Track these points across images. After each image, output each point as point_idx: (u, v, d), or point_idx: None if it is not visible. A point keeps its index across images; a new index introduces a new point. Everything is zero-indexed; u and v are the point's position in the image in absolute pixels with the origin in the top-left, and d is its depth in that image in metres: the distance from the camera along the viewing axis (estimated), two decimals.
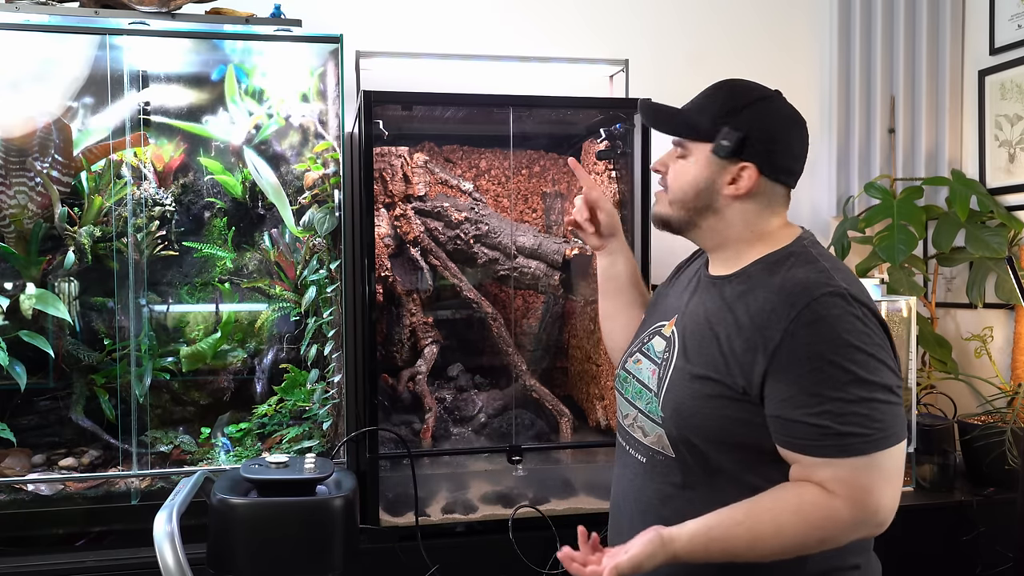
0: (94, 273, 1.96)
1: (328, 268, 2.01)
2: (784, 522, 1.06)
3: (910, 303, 2.22)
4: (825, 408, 1.05)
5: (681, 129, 1.24)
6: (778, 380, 1.08)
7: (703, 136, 1.21)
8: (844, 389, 1.05)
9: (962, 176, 2.52)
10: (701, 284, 1.28)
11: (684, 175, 1.23)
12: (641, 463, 1.24)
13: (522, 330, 2.31)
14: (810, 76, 2.72)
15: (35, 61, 1.92)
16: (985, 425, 2.19)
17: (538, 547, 1.84)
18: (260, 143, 2.04)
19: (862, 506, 1.05)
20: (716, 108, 1.21)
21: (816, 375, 1.05)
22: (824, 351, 1.06)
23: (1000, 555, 2.03)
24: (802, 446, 1.07)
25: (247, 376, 2.07)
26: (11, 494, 1.83)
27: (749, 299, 1.15)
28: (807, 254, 1.18)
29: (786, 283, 1.13)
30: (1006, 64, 2.52)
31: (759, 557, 1.08)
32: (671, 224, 1.27)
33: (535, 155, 2.38)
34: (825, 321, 1.07)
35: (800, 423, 1.06)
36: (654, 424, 1.21)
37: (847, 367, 1.05)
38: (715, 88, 1.25)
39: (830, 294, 1.08)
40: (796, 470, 1.10)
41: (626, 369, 1.32)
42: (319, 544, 1.41)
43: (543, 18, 2.52)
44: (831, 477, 1.05)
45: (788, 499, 1.08)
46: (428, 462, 2.10)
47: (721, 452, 1.14)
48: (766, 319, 1.10)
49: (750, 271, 1.20)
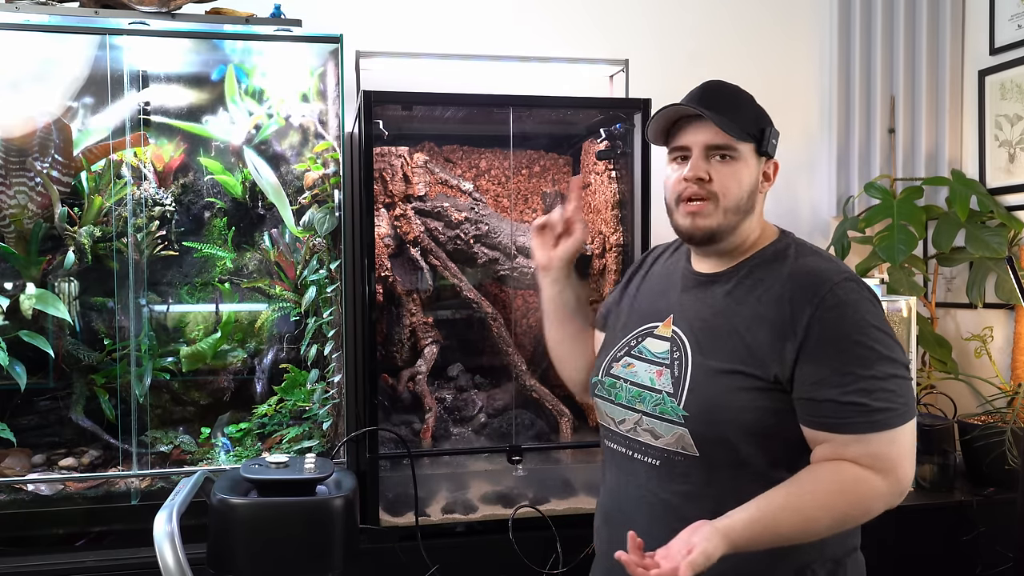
0: (94, 273, 1.96)
1: (328, 268, 2.01)
2: (829, 502, 1.11)
3: (910, 303, 2.22)
4: (858, 387, 1.11)
5: (748, 132, 1.22)
6: (809, 363, 1.13)
7: (755, 138, 1.23)
8: (873, 367, 1.11)
9: (962, 176, 2.52)
10: (690, 282, 1.29)
11: (738, 178, 1.22)
12: (653, 466, 1.22)
13: (522, 330, 2.31)
14: (810, 76, 2.72)
15: (35, 61, 1.92)
16: (985, 425, 2.19)
17: (538, 547, 1.84)
18: (260, 143, 2.04)
19: (895, 477, 1.13)
20: (752, 110, 1.26)
21: (846, 356, 1.12)
22: (851, 332, 1.12)
23: (1000, 555, 2.03)
24: (835, 425, 1.12)
25: (247, 376, 2.07)
26: (11, 494, 1.83)
27: (760, 291, 1.20)
28: (803, 245, 1.26)
29: (799, 272, 1.19)
30: (1006, 64, 2.52)
31: (808, 537, 1.12)
32: (718, 234, 1.23)
33: (535, 155, 2.38)
34: (848, 305, 1.13)
35: (833, 402, 1.11)
36: (671, 425, 1.20)
37: (873, 346, 1.12)
38: (732, 88, 1.27)
39: (846, 280, 1.16)
40: (824, 450, 1.14)
41: (613, 375, 1.30)
42: (319, 544, 1.41)
43: (543, 18, 2.52)
44: (864, 453, 1.11)
45: (828, 479, 1.12)
46: (428, 462, 2.09)
47: (752, 445, 1.16)
48: (788, 307, 1.16)
49: (751, 265, 1.24)
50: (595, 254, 2.22)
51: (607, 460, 1.35)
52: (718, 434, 1.16)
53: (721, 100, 1.23)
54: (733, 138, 1.20)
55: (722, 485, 1.17)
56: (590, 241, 2.23)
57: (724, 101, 1.23)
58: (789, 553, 1.15)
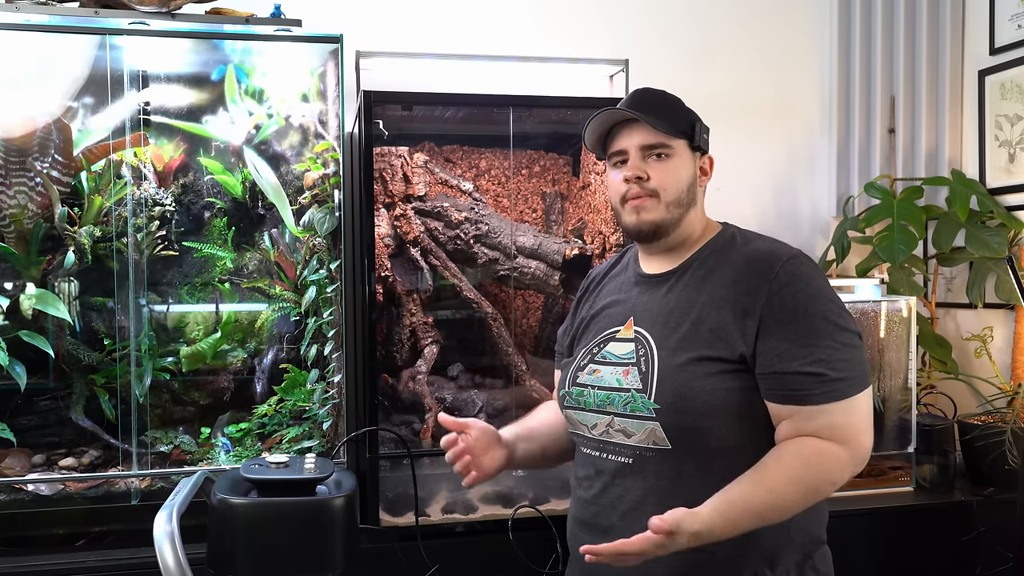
0: (94, 273, 1.95)
1: (328, 268, 2.01)
2: (796, 475, 1.14)
3: (910, 303, 2.22)
4: (817, 357, 1.15)
5: (679, 129, 1.29)
6: (769, 338, 1.17)
7: (688, 134, 1.30)
8: (831, 337, 1.17)
9: (962, 176, 2.52)
10: (642, 283, 1.34)
11: (675, 174, 1.29)
12: (626, 464, 1.25)
13: (522, 330, 2.31)
14: (810, 76, 2.72)
15: (35, 61, 1.92)
16: (985, 425, 2.19)
17: (538, 547, 1.84)
18: (260, 143, 2.04)
19: (855, 445, 1.17)
20: (682, 108, 1.32)
21: (804, 328, 1.16)
22: (808, 305, 1.18)
23: (1000, 555, 2.03)
24: (799, 396, 1.16)
25: (247, 376, 2.07)
26: (11, 494, 1.83)
27: (715, 277, 1.25)
28: (746, 232, 1.33)
29: (751, 255, 1.25)
30: (1006, 64, 2.52)
31: (781, 515, 1.15)
32: (663, 227, 1.29)
33: (535, 155, 2.38)
34: (800, 279, 1.19)
35: (796, 374, 1.16)
36: (642, 421, 1.22)
37: (828, 317, 1.18)
38: (659, 92, 1.33)
39: (794, 256, 1.22)
40: (787, 426, 1.18)
41: (579, 383, 1.33)
42: (319, 544, 1.41)
43: (543, 18, 2.52)
44: (826, 424, 1.16)
45: (792, 454, 1.16)
46: (428, 462, 2.09)
47: (722, 428, 1.19)
48: (744, 287, 1.20)
49: (701, 257, 1.30)
50: (595, 254, 2.22)
51: (579, 464, 1.37)
52: (689, 423, 1.19)
53: (649, 102, 1.29)
54: (665, 135, 1.27)
55: (694, 477, 1.20)
56: (590, 241, 2.23)
57: (652, 103, 1.30)
58: (761, 544, 1.17)
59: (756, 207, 2.65)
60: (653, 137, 1.27)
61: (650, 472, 1.22)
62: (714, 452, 1.19)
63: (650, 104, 1.29)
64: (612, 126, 1.33)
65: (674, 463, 1.21)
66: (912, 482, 2.20)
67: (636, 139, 1.28)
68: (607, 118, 1.31)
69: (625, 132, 1.30)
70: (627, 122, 1.30)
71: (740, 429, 1.20)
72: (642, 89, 1.34)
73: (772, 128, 2.67)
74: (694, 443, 1.19)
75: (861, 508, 2.03)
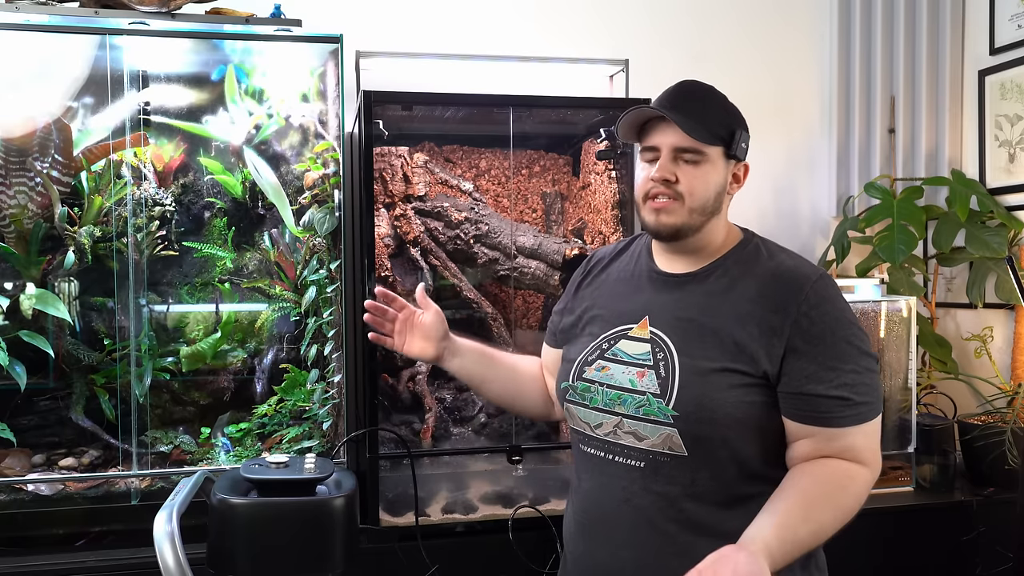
0: (94, 273, 1.95)
1: (328, 268, 2.01)
2: (836, 501, 1.15)
3: (910, 303, 2.22)
4: (843, 381, 1.15)
5: (716, 135, 1.24)
6: (796, 359, 1.16)
7: (724, 141, 1.25)
8: (855, 361, 1.17)
9: (962, 176, 2.52)
10: (662, 283, 1.30)
11: (705, 180, 1.24)
12: (638, 468, 1.22)
13: (522, 330, 2.31)
14: (810, 76, 2.72)
15: (35, 61, 1.92)
16: (985, 425, 2.19)
17: (538, 547, 1.84)
18: (260, 143, 2.04)
19: (875, 466, 1.19)
20: (723, 112, 1.27)
21: (831, 351, 1.16)
22: (835, 328, 1.17)
23: (1000, 555, 2.03)
24: (824, 419, 1.16)
25: (247, 376, 2.07)
26: (11, 494, 1.83)
27: (739, 289, 1.22)
28: (768, 243, 1.30)
29: (777, 271, 1.23)
30: (1006, 64, 2.52)
31: (821, 540, 1.15)
32: (683, 231, 1.25)
33: (535, 155, 2.38)
34: (828, 301, 1.19)
35: (822, 397, 1.15)
36: (658, 425, 1.20)
37: (852, 342, 1.17)
38: (702, 91, 1.28)
39: (822, 277, 1.21)
40: (805, 445, 1.17)
41: (586, 379, 1.29)
42: (319, 544, 1.41)
43: (543, 18, 2.52)
44: (848, 446, 1.16)
45: (827, 479, 1.16)
46: (428, 462, 2.09)
47: (741, 440, 1.18)
48: (771, 304, 1.18)
49: (724, 265, 1.26)
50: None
51: (581, 465, 1.33)
52: (708, 432, 1.17)
53: (691, 102, 1.25)
54: (700, 142, 1.22)
55: (707, 485, 1.18)
56: (590, 241, 2.23)
57: (694, 103, 1.25)
58: None
59: (756, 207, 2.65)
60: (687, 141, 1.22)
61: (662, 478, 1.20)
62: (729, 462, 1.18)
63: (691, 104, 1.24)
64: (649, 118, 1.27)
65: (688, 471, 1.19)
66: (912, 482, 2.20)
67: (670, 139, 1.23)
68: (644, 114, 1.26)
69: (660, 128, 1.25)
70: (665, 117, 1.24)
71: (756, 441, 1.19)
72: (688, 83, 1.28)
73: (772, 128, 2.67)
74: (711, 452, 1.18)
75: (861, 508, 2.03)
